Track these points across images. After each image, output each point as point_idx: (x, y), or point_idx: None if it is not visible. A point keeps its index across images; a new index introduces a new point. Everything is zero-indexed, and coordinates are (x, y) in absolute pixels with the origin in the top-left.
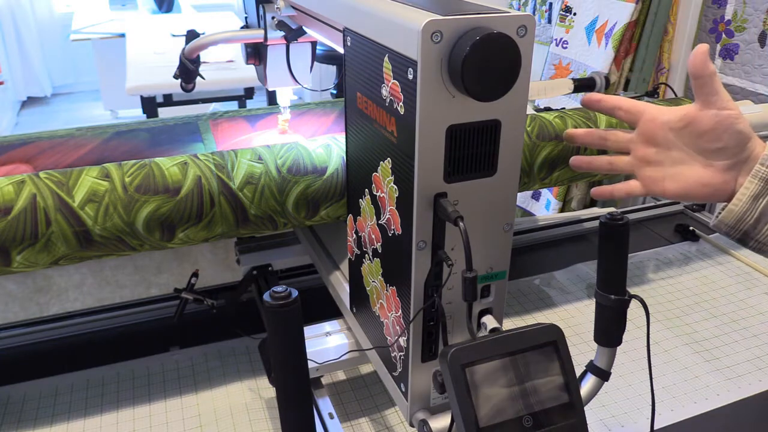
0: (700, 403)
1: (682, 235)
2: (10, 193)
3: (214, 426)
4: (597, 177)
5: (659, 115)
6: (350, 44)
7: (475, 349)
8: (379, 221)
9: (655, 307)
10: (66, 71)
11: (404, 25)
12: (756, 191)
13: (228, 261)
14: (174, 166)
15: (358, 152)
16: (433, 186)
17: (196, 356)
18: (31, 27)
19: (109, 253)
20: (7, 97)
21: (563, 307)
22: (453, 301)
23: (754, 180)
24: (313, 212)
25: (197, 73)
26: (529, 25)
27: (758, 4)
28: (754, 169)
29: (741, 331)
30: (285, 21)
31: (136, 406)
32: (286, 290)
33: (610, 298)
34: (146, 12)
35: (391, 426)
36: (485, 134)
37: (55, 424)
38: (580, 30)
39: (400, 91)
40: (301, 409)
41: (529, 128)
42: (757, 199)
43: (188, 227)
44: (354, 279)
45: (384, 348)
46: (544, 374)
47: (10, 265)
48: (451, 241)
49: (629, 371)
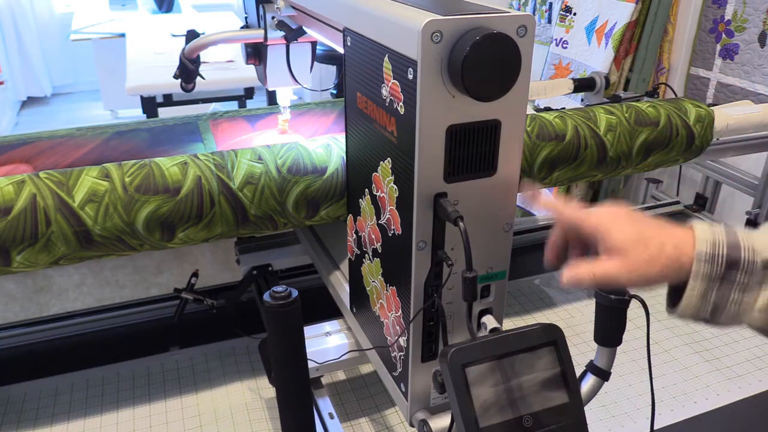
0: (700, 403)
1: None
2: (10, 193)
3: (214, 426)
4: (597, 177)
5: None
6: (350, 44)
7: (475, 349)
8: (379, 221)
9: (655, 307)
10: (66, 71)
11: (404, 25)
12: (702, 290)
13: (228, 261)
14: (174, 166)
15: (358, 152)
16: (433, 186)
17: (196, 356)
18: (31, 27)
19: (109, 253)
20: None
21: (563, 307)
22: (453, 301)
23: (696, 280)
24: (313, 212)
25: (197, 73)
26: (529, 25)
27: (758, 4)
28: (692, 270)
29: (741, 331)
30: (285, 21)
31: (136, 406)
32: (286, 290)
33: (610, 298)
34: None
35: (391, 426)
36: (485, 134)
37: (55, 424)
38: (580, 30)
39: (400, 91)
40: (301, 409)
41: (529, 128)
42: (706, 296)
43: (188, 227)
44: (354, 279)
45: (384, 348)
46: (544, 374)
47: (10, 265)
48: (451, 241)
49: (629, 371)
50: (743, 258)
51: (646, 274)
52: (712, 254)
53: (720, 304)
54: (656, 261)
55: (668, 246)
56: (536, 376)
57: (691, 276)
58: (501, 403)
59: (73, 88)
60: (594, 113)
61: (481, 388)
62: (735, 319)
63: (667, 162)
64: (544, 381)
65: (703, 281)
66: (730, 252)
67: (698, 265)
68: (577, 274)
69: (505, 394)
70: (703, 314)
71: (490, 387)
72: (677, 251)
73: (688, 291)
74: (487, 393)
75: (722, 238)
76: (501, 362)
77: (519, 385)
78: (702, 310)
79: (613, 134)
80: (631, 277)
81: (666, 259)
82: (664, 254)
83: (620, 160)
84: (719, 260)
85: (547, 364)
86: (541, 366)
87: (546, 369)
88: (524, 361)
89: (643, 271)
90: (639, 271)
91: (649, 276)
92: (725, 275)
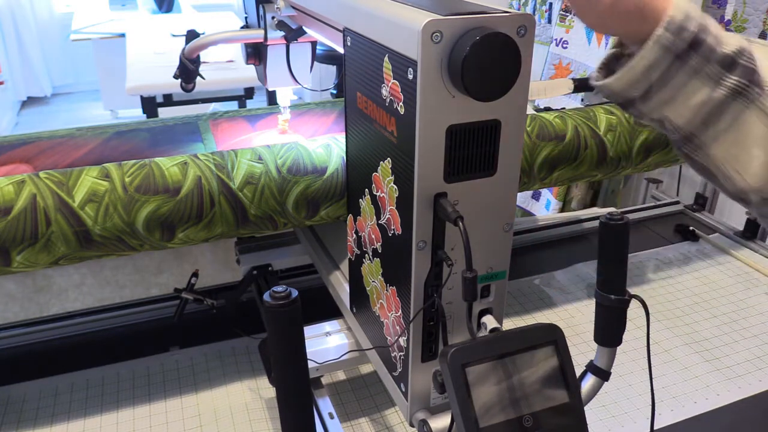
0: (700, 403)
1: (682, 235)
2: (10, 193)
3: (214, 426)
4: (597, 177)
5: None
6: (350, 44)
7: (475, 348)
8: (379, 221)
9: (655, 307)
10: (66, 71)
11: (404, 25)
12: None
13: (228, 261)
14: (174, 166)
15: (358, 152)
16: (433, 186)
17: (196, 356)
18: (31, 27)
19: (109, 253)
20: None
21: (563, 307)
22: (453, 301)
23: (654, 47)
24: (313, 212)
25: (197, 73)
26: (529, 25)
27: (758, 4)
28: (655, 33)
29: (741, 331)
30: (285, 21)
31: (136, 406)
32: (286, 290)
33: (610, 298)
34: (146, 12)
35: (391, 426)
36: (485, 134)
37: (55, 424)
38: (580, 30)
39: (400, 91)
40: (301, 409)
41: (529, 128)
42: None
43: (188, 227)
44: (354, 279)
45: (384, 348)
46: (544, 374)
47: (10, 265)
48: (451, 241)
49: (629, 371)
50: (707, 42)
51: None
52: (680, 26)
53: (659, 84)
54: (621, 4)
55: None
56: (536, 376)
57: (651, 40)
58: (501, 403)
59: (73, 88)
60: (594, 113)
61: (481, 388)
62: (661, 108)
63: (667, 162)
64: (544, 381)
65: (659, 50)
66: (699, 32)
67: (663, 32)
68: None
69: (505, 394)
70: (635, 90)
71: (490, 387)
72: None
73: (637, 58)
74: (487, 393)
75: (696, 16)
76: (501, 362)
77: (519, 384)
78: (638, 84)
79: (613, 134)
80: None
81: (633, 6)
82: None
83: (620, 160)
84: (685, 35)
85: (547, 364)
86: (541, 366)
87: (546, 369)
88: (524, 361)
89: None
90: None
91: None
92: (682, 53)
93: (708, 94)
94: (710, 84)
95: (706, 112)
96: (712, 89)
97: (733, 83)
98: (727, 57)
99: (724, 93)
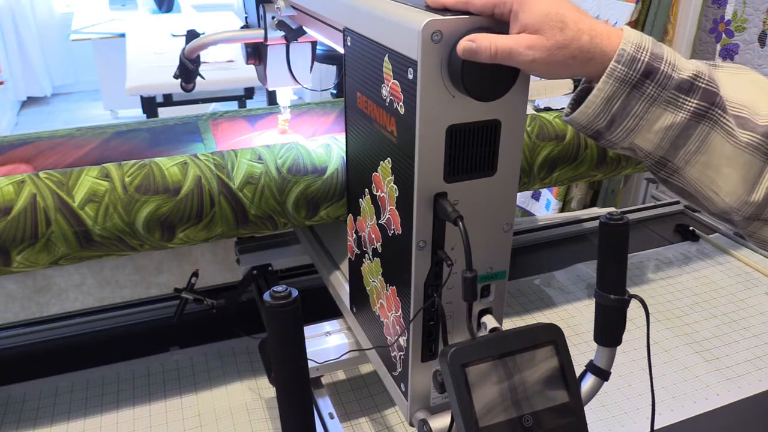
0: (700, 403)
1: (682, 235)
2: (10, 193)
3: (214, 426)
4: (597, 177)
5: None
6: (350, 44)
7: (475, 348)
8: (379, 221)
9: (655, 307)
10: (66, 71)
11: (404, 25)
12: (609, 93)
13: (228, 261)
14: (174, 166)
15: (358, 152)
16: (433, 186)
17: (196, 356)
18: (31, 27)
19: (109, 253)
20: (7, 97)
21: (563, 307)
22: (453, 301)
23: (609, 80)
24: (313, 212)
25: (197, 73)
26: None
27: (758, 4)
28: (609, 67)
29: (741, 331)
30: (285, 21)
31: (136, 406)
32: (286, 290)
33: (610, 298)
34: (146, 12)
35: (391, 426)
36: (485, 134)
37: (55, 424)
38: None
39: (400, 91)
40: (301, 409)
41: (529, 128)
42: (610, 102)
43: (188, 227)
44: (354, 279)
45: (384, 348)
46: (544, 374)
47: (10, 265)
48: (451, 241)
49: (629, 371)
50: (661, 70)
51: (549, 59)
52: (633, 57)
53: (621, 114)
54: (567, 47)
55: (586, 36)
56: (536, 375)
57: (605, 74)
58: (501, 403)
59: (73, 88)
60: None
61: (481, 387)
62: (628, 136)
63: None
64: (544, 381)
65: (614, 83)
66: (651, 60)
67: (615, 66)
68: (474, 42)
69: (505, 394)
70: (599, 123)
71: (491, 387)
72: (593, 44)
73: (596, 92)
74: (488, 393)
75: (648, 45)
76: (501, 362)
77: (519, 384)
78: (600, 116)
79: None
80: (535, 57)
81: (578, 50)
82: (579, 43)
83: (620, 160)
84: (638, 65)
85: (547, 363)
86: (541, 366)
87: (546, 369)
88: (524, 360)
89: (549, 55)
90: (545, 54)
91: (553, 62)
92: (638, 83)
93: (671, 119)
94: (671, 109)
95: (672, 135)
96: (674, 114)
97: (694, 106)
98: (685, 82)
99: (686, 116)
